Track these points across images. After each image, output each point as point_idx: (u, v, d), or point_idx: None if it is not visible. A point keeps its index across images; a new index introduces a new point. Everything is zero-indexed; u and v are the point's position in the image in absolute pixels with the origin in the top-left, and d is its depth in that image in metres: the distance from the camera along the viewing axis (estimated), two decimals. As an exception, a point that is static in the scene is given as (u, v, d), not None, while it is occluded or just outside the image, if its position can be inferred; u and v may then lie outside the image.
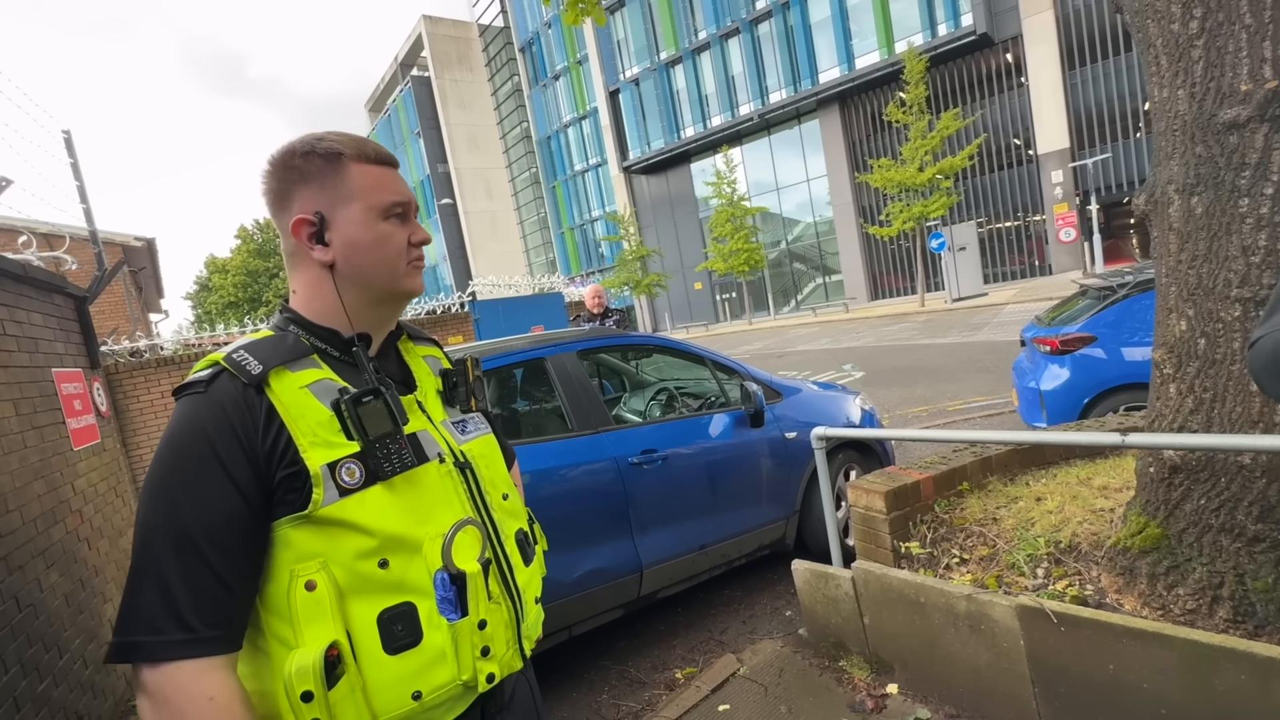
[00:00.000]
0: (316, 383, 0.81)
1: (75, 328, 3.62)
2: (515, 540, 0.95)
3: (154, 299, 16.43)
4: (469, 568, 0.82)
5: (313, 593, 0.74)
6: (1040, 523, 2.22)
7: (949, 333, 12.14)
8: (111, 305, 10.23)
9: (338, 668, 0.74)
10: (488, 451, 0.98)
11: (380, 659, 0.76)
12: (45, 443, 2.73)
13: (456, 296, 10.20)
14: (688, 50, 28.49)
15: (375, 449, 0.79)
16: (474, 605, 0.81)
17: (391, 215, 0.86)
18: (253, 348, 0.81)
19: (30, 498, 2.42)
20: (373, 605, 0.77)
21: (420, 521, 0.81)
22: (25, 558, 2.25)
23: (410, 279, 0.89)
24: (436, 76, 44.17)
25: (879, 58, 22.45)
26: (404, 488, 0.81)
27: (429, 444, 0.87)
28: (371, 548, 0.77)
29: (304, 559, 0.75)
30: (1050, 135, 20.20)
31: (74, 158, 3.63)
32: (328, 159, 0.84)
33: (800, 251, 28.32)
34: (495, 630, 0.85)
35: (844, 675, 2.29)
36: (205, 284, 44.36)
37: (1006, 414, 5.71)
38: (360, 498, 0.77)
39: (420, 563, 0.80)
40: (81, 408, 3.40)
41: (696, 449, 3.00)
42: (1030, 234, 21.95)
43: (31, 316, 2.93)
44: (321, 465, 0.76)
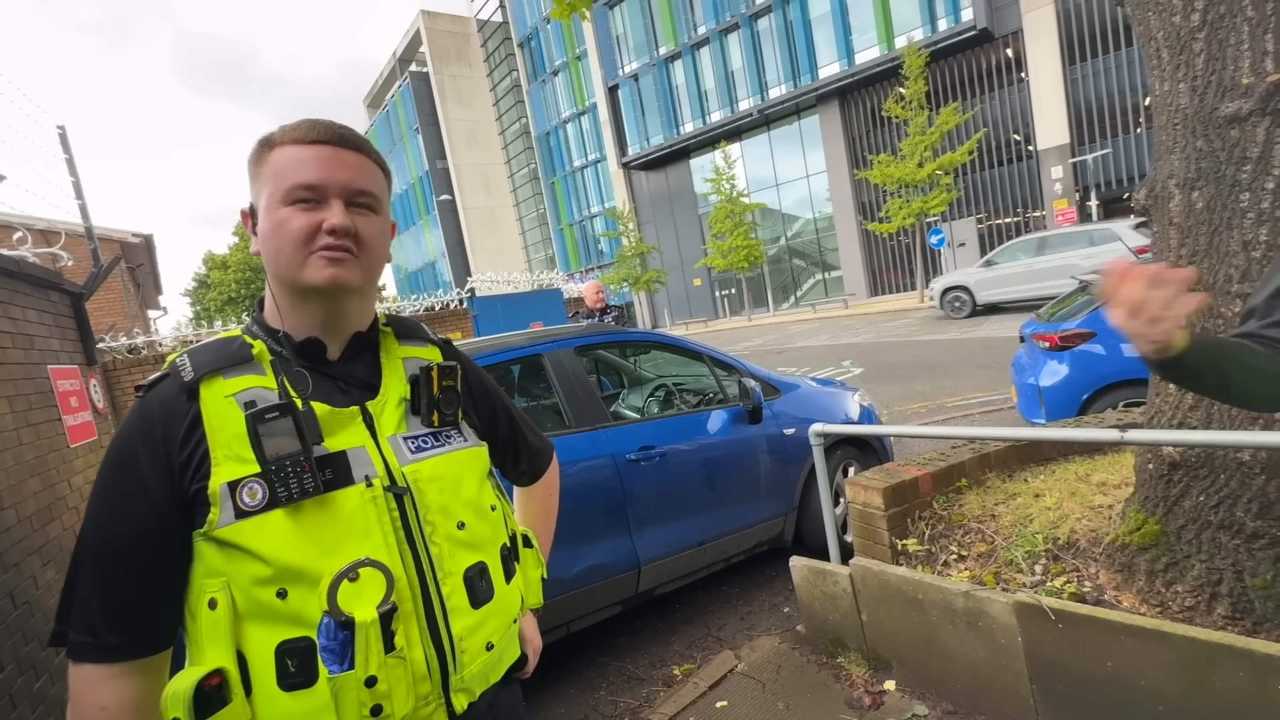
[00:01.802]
0: (244, 391, 0.75)
1: (71, 324, 3.61)
2: (463, 578, 0.82)
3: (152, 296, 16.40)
4: (362, 615, 0.71)
5: (213, 611, 0.71)
6: (1039, 519, 2.22)
7: (948, 329, 12.13)
8: (109, 302, 10.21)
9: (218, 696, 0.69)
10: (449, 472, 0.85)
11: (274, 694, 0.71)
12: (41, 440, 2.72)
13: (455, 293, 10.18)
14: (687, 45, 28.38)
15: (272, 471, 0.71)
16: (362, 659, 0.71)
17: (295, 200, 0.76)
18: (195, 351, 0.78)
19: (26, 495, 2.41)
20: (271, 635, 0.71)
21: (324, 553, 0.72)
22: (21, 555, 2.24)
23: (313, 270, 0.77)
24: (435, 72, 44.01)
25: (879, 53, 22.38)
26: (313, 514, 0.73)
27: (359, 464, 0.78)
28: (267, 576, 0.70)
29: (211, 575, 0.72)
30: (1050, 130, 20.16)
31: (69, 153, 3.61)
32: (261, 147, 0.80)
33: (800, 248, 28.28)
34: (392, 688, 0.73)
35: (842, 672, 2.29)
36: (204, 280, 44.27)
37: (1005, 410, 5.70)
38: (259, 521, 0.71)
39: (316, 599, 0.71)
40: (78, 404, 3.39)
41: (694, 445, 2.99)
42: (1030, 229, 21.91)
43: (27, 313, 2.92)
44: (222, 484, 0.71)
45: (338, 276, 0.77)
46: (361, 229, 0.79)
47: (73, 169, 3.66)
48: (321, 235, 0.76)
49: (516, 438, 1.08)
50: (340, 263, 0.77)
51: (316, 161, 0.77)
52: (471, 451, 0.91)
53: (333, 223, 0.76)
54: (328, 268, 0.77)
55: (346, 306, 0.83)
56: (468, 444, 0.91)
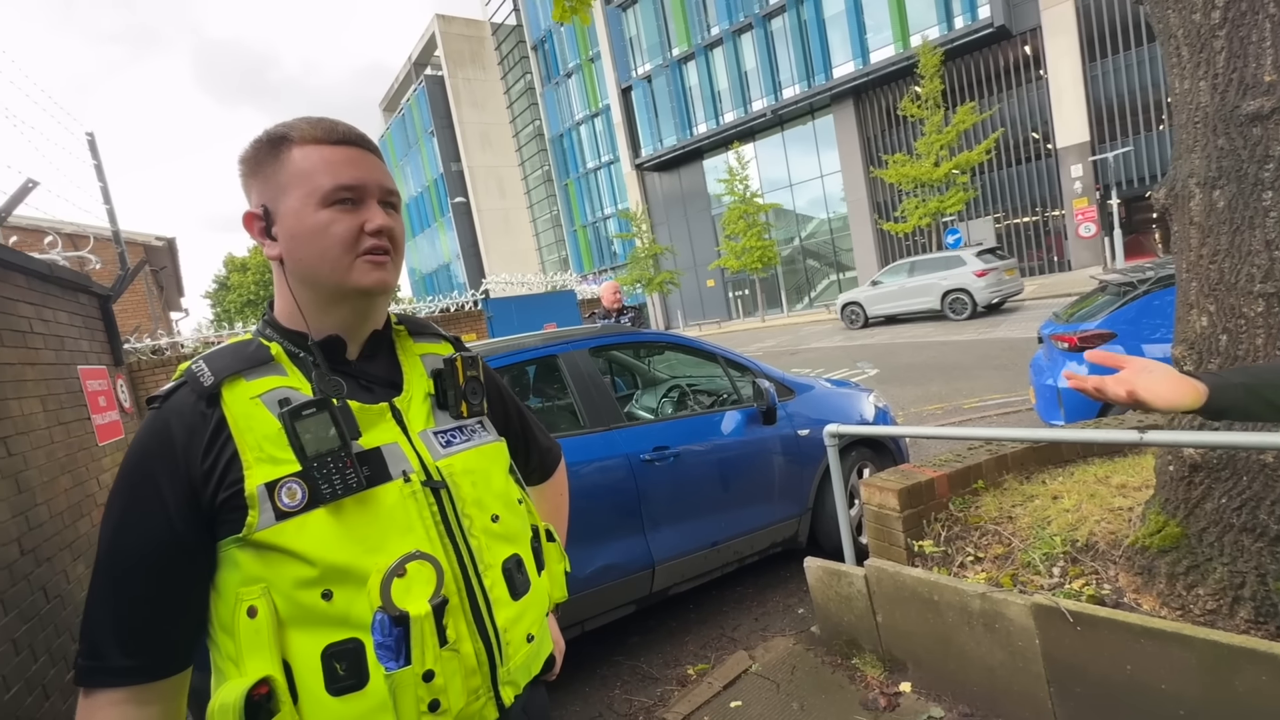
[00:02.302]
0: (270, 392, 0.73)
1: (99, 325, 3.70)
2: (502, 570, 0.83)
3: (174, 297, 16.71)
4: (415, 609, 0.70)
5: (253, 620, 0.68)
6: (1057, 521, 2.20)
7: (965, 330, 12.01)
8: (134, 304, 10.43)
9: (267, 706, 0.67)
10: (478, 465, 0.85)
11: (322, 700, 0.68)
12: (71, 438, 2.79)
13: (470, 294, 10.27)
14: (700, 46, 28.36)
15: (314, 468, 0.70)
16: (418, 653, 0.70)
17: (335, 201, 0.75)
18: (212, 357, 0.76)
19: (57, 492, 2.48)
20: (317, 639, 0.69)
21: (369, 551, 0.71)
22: (53, 550, 2.31)
23: (361, 274, 0.76)
24: (450, 75, 44.41)
25: (894, 51, 22.21)
26: (354, 511, 0.71)
27: (395, 459, 0.77)
28: (312, 577, 0.68)
29: (248, 583, 0.69)
30: (1070, 129, 19.87)
31: (97, 159, 3.71)
32: (272, 144, 0.77)
33: (814, 248, 28.12)
34: (448, 682, 0.72)
35: (857, 673, 2.28)
36: (224, 283, 45.02)
37: (1023, 412, 5.64)
38: (300, 522, 0.69)
39: (365, 598, 0.70)
40: (106, 404, 3.48)
41: (708, 446, 3.00)
42: (1049, 229, 21.61)
43: (58, 315, 3.00)
44: (259, 485, 0.69)
45: (384, 279, 0.78)
46: (395, 229, 0.80)
47: (101, 174, 3.75)
48: (365, 238, 0.76)
49: (527, 435, 1.09)
50: (383, 265, 0.78)
51: (351, 163, 0.77)
52: (496, 445, 0.91)
53: (377, 223, 0.77)
54: (374, 271, 0.77)
55: (379, 307, 0.84)
56: (490, 438, 0.91)
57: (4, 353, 2.28)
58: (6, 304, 2.41)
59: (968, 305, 13.12)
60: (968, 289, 13.08)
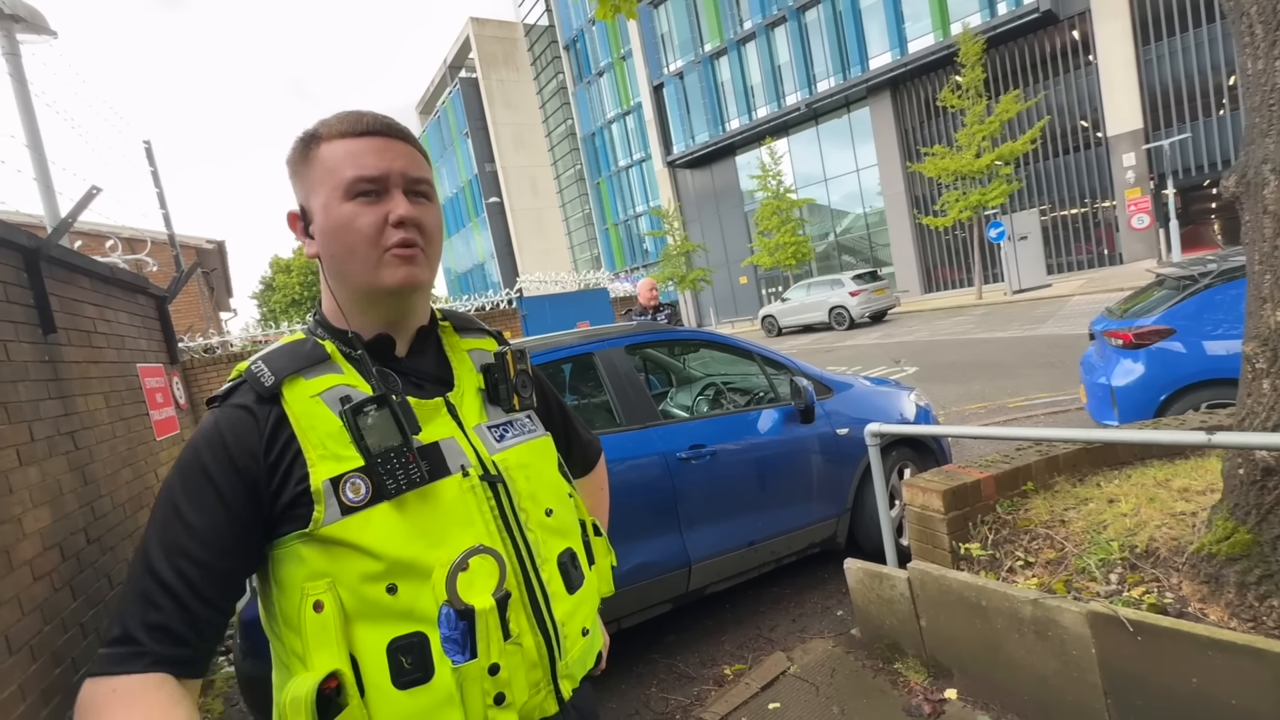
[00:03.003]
0: (329, 390, 0.73)
1: (156, 325, 3.86)
2: (557, 564, 0.83)
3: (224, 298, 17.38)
4: (480, 603, 0.70)
5: (320, 614, 0.68)
6: (1113, 526, 2.11)
7: (1009, 326, 11.62)
8: (187, 304, 10.88)
9: (337, 700, 0.67)
10: (531, 459, 0.85)
11: (389, 693, 0.68)
12: (132, 433, 2.92)
13: (504, 293, 10.39)
14: (732, 41, 28.10)
15: (378, 463, 0.70)
16: (484, 647, 0.70)
17: (358, 194, 0.73)
18: (270, 356, 0.75)
19: (119, 484, 2.60)
20: (382, 633, 0.69)
21: (433, 544, 0.72)
22: (116, 539, 2.42)
23: (389, 271, 0.74)
24: (483, 77, 45.05)
25: (933, 40, 21.60)
26: (416, 506, 0.72)
27: (453, 454, 0.77)
28: (378, 571, 0.69)
29: (314, 578, 0.69)
30: (1121, 115, 19.01)
31: (154, 166, 3.87)
32: (305, 144, 0.76)
33: (849, 244, 27.60)
34: (513, 675, 0.73)
35: (899, 678, 2.23)
36: (270, 283, 46.60)
37: (1073, 411, 5.42)
38: (364, 517, 0.69)
39: (429, 591, 0.70)
40: (163, 400, 3.63)
41: (745, 445, 2.96)
42: (1099, 221, 20.73)
43: (119, 315, 3.14)
44: (324, 481, 0.69)
45: (412, 276, 0.76)
46: (424, 218, 0.77)
47: (157, 180, 3.92)
48: (390, 230, 0.74)
49: (569, 429, 1.09)
50: (412, 260, 0.76)
51: (373, 152, 0.74)
52: (545, 439, 0.91)
53: (399, 213, 0.74)
54: (401, 268, 0.75)
55: (415, 304, 0.82)
56: (540, 433, 0.91)
57: (71, 351, 2.40)
58: (73, 305, 2.53)
59: (846, 318, 16.83)
60: (845, 306, 16.76)
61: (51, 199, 3.04)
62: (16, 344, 1.95)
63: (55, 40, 3.26)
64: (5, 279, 1.98)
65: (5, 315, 1.93)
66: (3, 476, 1.69)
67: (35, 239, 2.17)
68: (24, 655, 1.58)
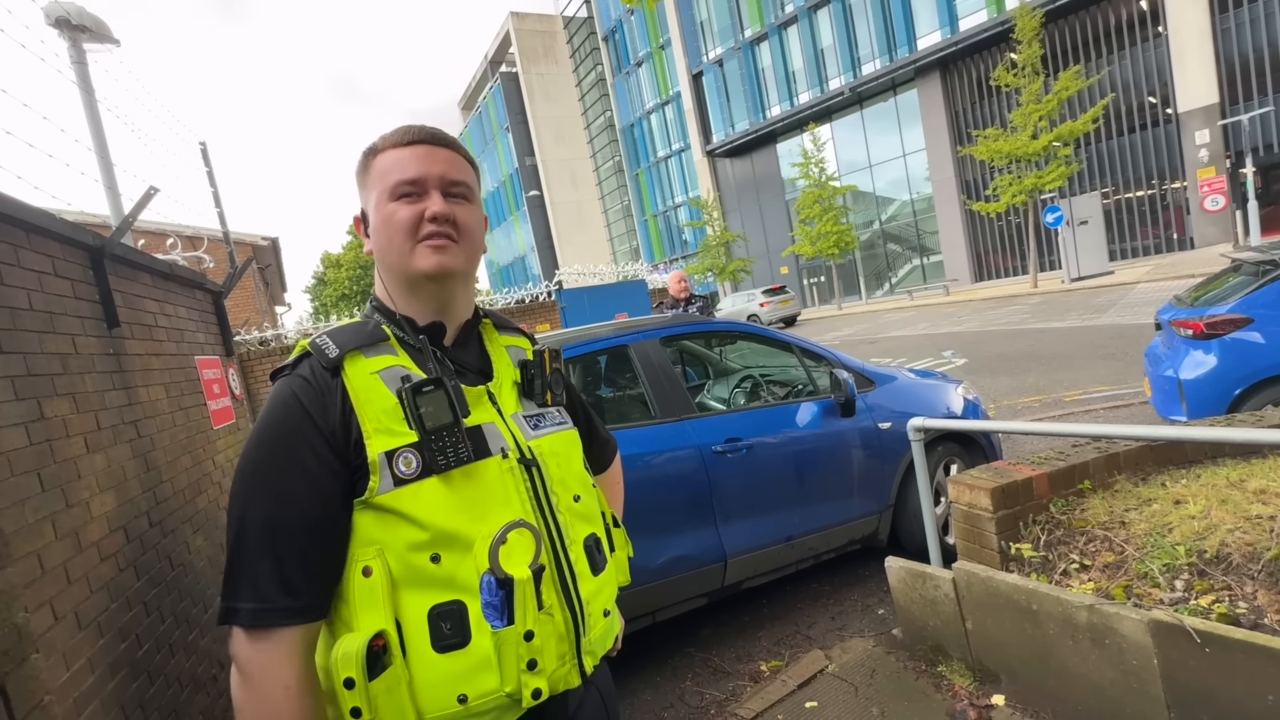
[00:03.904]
0: (387, 369, 0.80)
1: (213, 319, 4.04)
2: (583, 546, 0.89)
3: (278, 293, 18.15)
4: (518, 573, 0.76)
5: (368, 579, 0.74)
6: (1180, 529, 1.97)
7: (1066, 316, 11.08)
8: (243, 299, 11.39)
9: (383, 658, 0.72)
10: (561, 449, 0.92)
11: (428, 655, 0.74)
12: (191, 422, 3.07)
13: (544, 286, 10.50)
14: (773, 26, 27.50)
15: (431, 440, 0.76)
16: (520, 614, 0.75)
17: (400, 195, 0.83)
18: (334, 332, 0.83)
19: (179, 470, 2.74)
20: (424, 599, 0.75)
21: (475, 519, 0.77)
22: (176, 523, 2.55)
23: (421, 258, 0.83)
24: (523, 71, 45.43)
25: (986, 17, 20.64)
26: (461, 482, 0.78)
27: (494, 438, 0.83)
28: (423, 540, 0.75)
29: (364, 544, 0.75)
30: (1194, 90, 17.77)
31: (209, 166, 4.04)
32: (366, 156, 0.87)
33: (895, 231, 26.78)
34: (545, 643, 0.78)
35: (943, 681, 2.16)
36: (321, 278, 48.35)
37: (1136, 406, 5.13)
38: (415, 489, 0.75)
39: (470, 562, 0.76)
40: (219, 391, 3.80)
41: (783, 438, 2.91)
42: (1167, 203, 19.51)
43: (178, 310, 3.30)
44: (380, 453, 0.75)
45: (443, 263, 0.83)
46: (459, 215, 0.85)
47: (212, 180, 4.08)
48: (425, 224, 0.82)
49: (590, 428, 1.14)
50: (444, 249, 0.83)
51: (415, 158, 0.84)
52: (573, 432, 0.98)
53: (433, 210, 0.82)
54: (433, 255, 0.83)
55: (455, 293, 0.89)
56: (568, 425, 0.97)
57: (134, 345, 2.52)
58: (136, 301, 2.67)
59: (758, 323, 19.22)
60: (757, 314, 20.52)
61: (115, 200, 3.21)
62: (84, 338, 2.06)
63: (118, 48, 3.43)
64: (72, 276, 2.08)
65: (73, 310, 2.03)
66: (71, 463, 1.79)
67: (100, 238, 2.28)
68: (92, 630, 1.67)
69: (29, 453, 1.52)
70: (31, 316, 1.71)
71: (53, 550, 1.53)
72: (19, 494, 1.44)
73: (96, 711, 1.53)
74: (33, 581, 1.41)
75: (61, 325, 1.88)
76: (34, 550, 1.45)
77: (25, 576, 1.39)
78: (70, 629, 1.54)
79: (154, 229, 7.27)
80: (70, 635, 1.53)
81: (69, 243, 2.05)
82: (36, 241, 1.84)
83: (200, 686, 2.33)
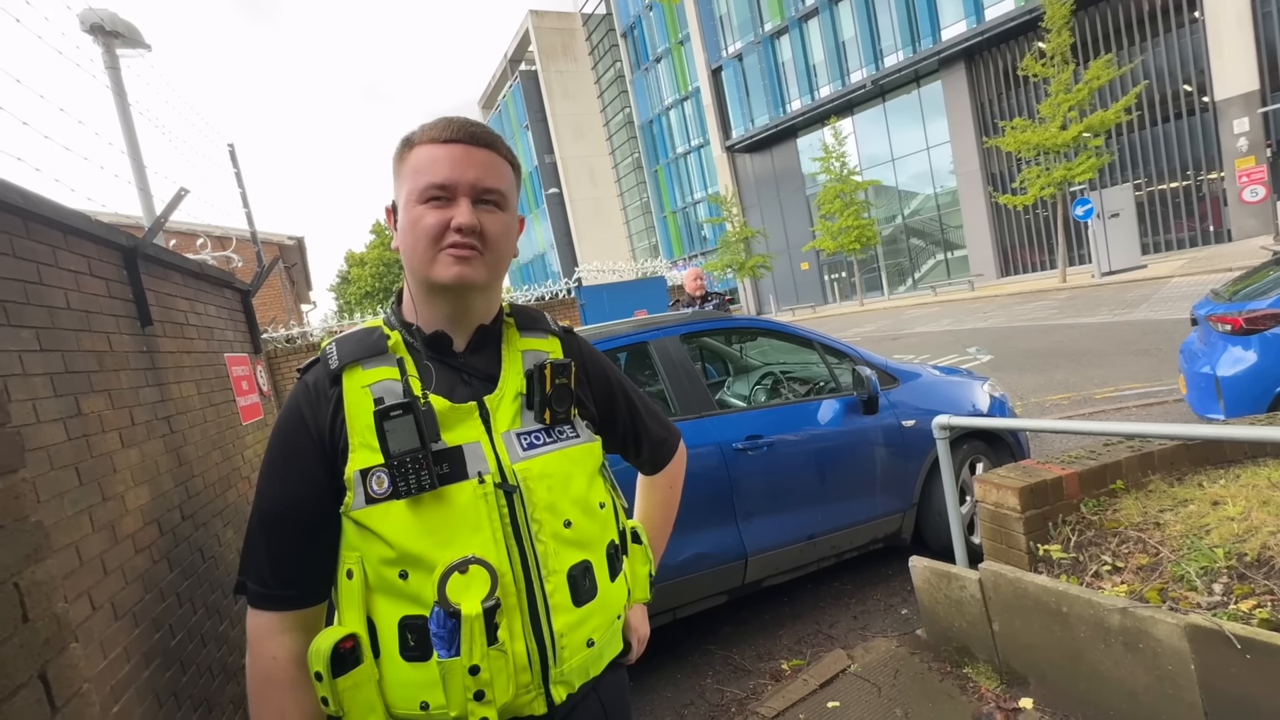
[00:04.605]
0: (379, 383, 0.81)
1: (241, 317, 4.12)
2: (566, 576, 0.83)
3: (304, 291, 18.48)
4: (468, 608, 0.74)
5: (350, 581, 0.79)
6: (1218, 531, 1.91)
7: (1097, 311, 10.80)
8: (270, 298, 11.62)
9: (351, 658, 0.77)
10: (557, 469, 0.86)
11: (397, 660, 0.77)
12: (220, 418, 3.14)
13: (563, 283, 10.54)
14: (794, 19, 27.20)
15: (395, 465, 0.76)
16: (466, 648, 0.74)
17: (429, 198, 0.80)
18: (342, 340, 0.85)
19: (210, 465, 2.80)
20: (395, 609, 0.78)
21: (440, 544, 0.77)
22: (207, 516, 2.61)
23: (442, 268, 0.81)
24: (543, 69, 45.57)
25: (1013, 5, 20.16)
26: (430, 505, 0.77)
27: (474, 459, 0.80)
28: (391, 557, 0.77)
29: (349, 548, 0.80)
30: (1233, 77, 17.15)
31: (237, 168, 4.12)
32: (402, 147, 0.85)
33: (918, 226, 26.35)
34: (495, 676, 0.76)
35: (969, 683, 2.12)
36: (345, 276, 49.11)
37: (1171, 404, 4.99)
38: (385, 509, 0.77)
39: (431, 584, 0.75)
40: (248, 387, 3.88)
41: (804, 436, 2.88)
42: (1203, 194, 18.89)
43: (208, 308, 3.37)
44: (355, 471, 0.78)
45: (463, 274, 0.81)
46: (487, 226, 0.82)
47: (240, 181, 4.16)
48: (450, 233, 0.80)
49: (637, 426, 1.06)
50: (466, 260, 0.81)
51: (449, 161, 0.81)
52: (583, 448, 0.90)
53: (459, 221, 0.80)
54: (454, 266, 0.81)
55: (472, 302, 0.87)
56: (579, 440, 0.90)
57: (166, 343, 2.59)
58: (168, 300, 2.73)
59: None
60: None
61: (148, 201, 3.29)
62: (118, 335, 2.11)
63: (149, 53, 3.51)
64: (107, 276, 2.14)
65: (108, 309, 2.09)
66: (108, 457, 1.83)
67: (133, 238, 2.33)
68: (127, 621, 1.71)
69: (67, 447, 1.56)
70: (69, 315, 1.75)
71: (90, 542, 1.57)
72: (58, 487, 1.48)
73: (132, 699, 1.57)
74: (71, 572, 1.45)
75: (97, 324, 1.93)
76: (72, 542, 1.49)
77: (64, 568, 1.43)
78: (107, 619, 1.58)
79: (184, 229, 7.45)
80: (107, 625, 1.57)
81: (104, 243, 2.11)
82: (73, 242, 1.88)
83: (231, 676, 2.38)
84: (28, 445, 1.41)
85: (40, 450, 1.44)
